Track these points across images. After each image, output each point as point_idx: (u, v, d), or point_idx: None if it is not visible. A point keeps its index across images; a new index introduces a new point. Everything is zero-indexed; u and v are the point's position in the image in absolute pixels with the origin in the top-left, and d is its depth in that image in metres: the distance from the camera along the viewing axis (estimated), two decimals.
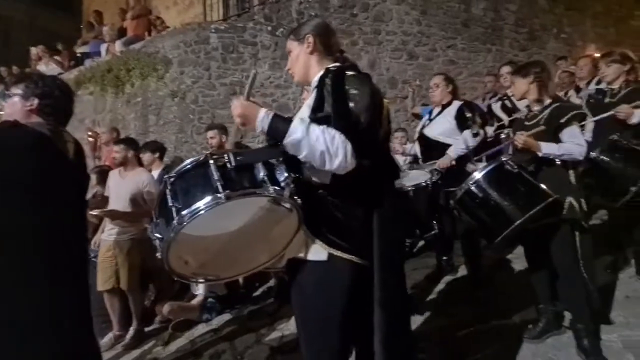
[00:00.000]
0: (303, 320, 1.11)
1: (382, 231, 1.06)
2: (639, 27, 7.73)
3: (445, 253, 3.06)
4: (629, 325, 1.87)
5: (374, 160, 1.06)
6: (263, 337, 2.51)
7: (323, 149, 0.96)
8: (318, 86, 1.09)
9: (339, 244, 1.04)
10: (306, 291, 1.08)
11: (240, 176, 0.96)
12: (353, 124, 1.00)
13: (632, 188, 2.03)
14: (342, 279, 1.05)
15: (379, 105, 1.11)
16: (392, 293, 1.08)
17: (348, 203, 1.06)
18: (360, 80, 1.07)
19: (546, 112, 1.82)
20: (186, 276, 1.11)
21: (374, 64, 5.75)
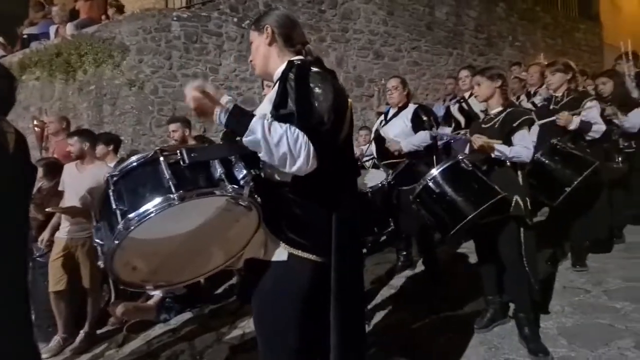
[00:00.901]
0: (261, 321, 1.08)
1: (341, 229, 1.04)
2: (582, 39, 8.43)
3: (404, 249, 3.20)
4: (564, 313, 2.06)
5: (336, 159, 1.04)
6: (224, 335, 2.47)
7: (285, 151, 0.91)
8: (281, 80, 1.03)
9: (299, 242, 1.02)
10: (265, 291, 1.05)
11: (194, 174, 0.89)
12: (316, 124, 0.96)
13: (567, 188, 2.24)
14: (302, 279, 1.04)
15: (343, 105, 1.07)
16: (348, 291, 1.06)
17: (309, 201, 1.04)
18: (324, 78, 1.02)
19: (501, 117, 1.95)
20: (135, 284, 1.03)
21: (342, 61, 5.80)
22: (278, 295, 1.04)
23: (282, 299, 1.04)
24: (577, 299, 2.19)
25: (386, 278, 3.04)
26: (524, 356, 1.73)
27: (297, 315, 1.04)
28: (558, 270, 2.59)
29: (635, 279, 2.34)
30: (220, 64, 5.11)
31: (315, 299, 1.09)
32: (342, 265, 1.04)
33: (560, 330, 1.90)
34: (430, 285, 2.72)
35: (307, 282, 1.04)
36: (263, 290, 1.06)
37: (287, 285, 1.03)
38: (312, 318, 1.10)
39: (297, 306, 1.04)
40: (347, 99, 1.12)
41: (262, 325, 1.08)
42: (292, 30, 1.15)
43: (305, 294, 1.05)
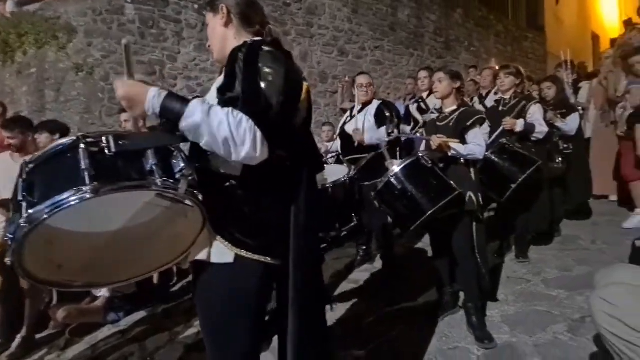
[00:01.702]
0: (208, 327, 1.00)
1: (298, 227, 0.96)
2: (529, 47, 9.08)
3: (364, 243, 3.26)
4: (507, 301, 2.21)
5: (291, 149, 0.96)
6: (178, 335, 2.37)
7: (227, 136, 0.81)
8: (229, 61, 0.94)
9: (247, 243, 0.93)
10: (211, 296, 0.97)
11: (120, 165, 0.79)
12: (263, 108, 0.86)
13: (512, 185, 2.40)
14: (251, 282, 0.95)
15: (296, 87, 0.96)
16: (307, 292, 0.99)
17: (261, 197, 0.95)
18: (275, 58, 0.91)
19: (455, 116, 2.04)
20: (60, 283, 0.92)
21: (306, 56, 5.78)
22: (227, 301, 0.95)
23: (232, 304, 0.95)
24: (519, 288, 2.36)
25: (345, 272, 3.08)
26: (472, 343, 1.82)
27: (247, 320, 0.97)
28: (504, 262, 2.77)
29: (569, 268, 2.56)
30: (179, 52, 4.88)
31: (265, 303, 1.03)
32: (301, 267, 0.97)
33: (504, 318, 2.03)
34: (388, 279, 2.80)
35: (258, 285, 0.96)
36: (210, 295, 0.98)
37: (235, 289, 0.95)
38: (262, 322, 1.04)
39: (248, 311, 0.97)
40: (302, 82, 1.01)
41: (210, 331, 1.00)
42: (249, 9, 1.06)
43: (256, 297, 0.98)
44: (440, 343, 1.88)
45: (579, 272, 2.48)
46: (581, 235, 3.19)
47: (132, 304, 2.77)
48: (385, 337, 1.99)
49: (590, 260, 2.64)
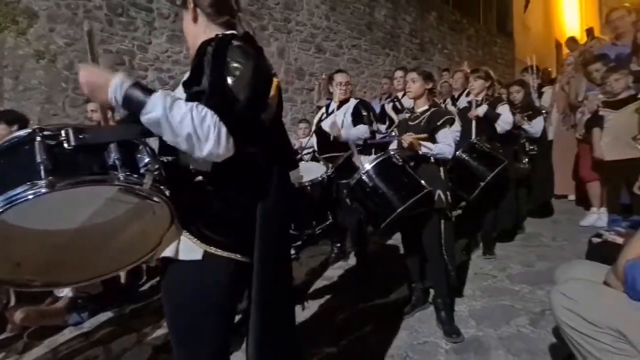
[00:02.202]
0: (176, 327, 0.97)
1: (266, 225, 0.94)
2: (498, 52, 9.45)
3: (339, 241, 3.29)
4: (474, 296, 2.29)
5: (261, 146, 0.94)
6: (146, 336, 2.29)
7: (190, 131, 0.78)
8: (197, 55, 0.91)
9: (216, 240, 0.91)
10: (179, 294, 0.94)
11: (80, 159, 0.75)
12: (229, 103, 0.83)
13: (481, 183, 2.50)
14: (220, 279, 0.93)
15: (265, 83, 0.93)
16: (272, 292, 0.97)
17: (231, 193, 0.93)
18: (244, 53, 0.89)
19: (426, 115, 2.08)
20: (18, 282, 0.88)
21: (283, 52, 5.72)
22: (195, 299, 0.93)
23: (200, 302, 0.93)
24: (485, 283, 2.45)
25: (320, 270, 3.09)
26: (440, 338, 1.87)
27: (216, 319, 0.95)
28: (471, 259, 2.88)
29: (531, 264, 2.69)
30: (150, 43, 4.68)
31: (236, 301, 1.01)
32: (267, 265, 0.95)
33: (471, 313, 2.10)
34: (361, 276, 2.83)
35: (227, 283, 0.94)
36: (177, 293, 0.94)
37: (204, 287, 0.92)
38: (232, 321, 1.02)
39: (217, 309, 0.94)
40: (272, 78, 0.97)
41: (175, 330, 0.97)
42: (216, 2, 1.02)
43: (225, 296, 0.95)
44: (410, 338, 1.92)
45: (540, 267, 2.61)
46: (543, 232, 3.37)
47: (97, 304, 2.64)
48: (357, 334, 2.01)
49: (551, 256, 2.79)
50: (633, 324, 0.94)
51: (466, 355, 1.71)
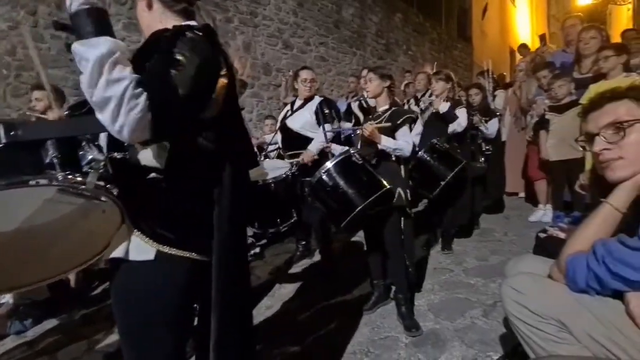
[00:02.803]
0: (128, 331, 0.91)
1: (223, 223, 0.92)
2: (458, 56, 9.89)
3: (304, 239, 3.28)
4: (433, 290, 2.38)
5: (213, 142, 0.90)
6: (98, 343, 2.15)
7: (118, 95, 0.70)
8: (146, 43, 0.87)
9: (170, 238, 0.88)
10: (131, 296, 0.89)
11: (11, 158, 0.69)
12: (166, 95, 0.78)
13: (442, 182, 2.60)
14: (175, 280, 0.90)
15: (208, 81, 0.88)
16: (231, 292, 0.94)
17: (185, 190, 0.89)
18: (194, 46, 0.84)
19: (387, 114, 2.12)
20: None
21: (249, 46, 5.58)
22: (144, 301, 0.88)
23: (150, 304, 0.88)
24: (444, 277, 2.56)
25: (284, 268, 3.07)
26: (401, 332, 1.92)
27: (167, 321, 0.90)
28: (430, 254, 2.99)
29: (485, 258, 2.85)
30: None
31: (192, 302, 0.97)
32: (224, 265, 0.92)
33: (429, 306, 2.18)
34: (326, 273, 2.84)
35: (183, 283, 0.91)
36: (126, 295, 0.89)
37: (158, 288, 0.88)
38: (188, 323, 0.98)
39: (168, 312, 0.89)
40: (219, 77, 0.91)
41: (126, 335, 0.92)
42: None
43: (181, 296, 0.91)
44: (372, 333, 1.95)
45: (493, 261, 2.77)
46: (496, 228, 3.58)
47: (43, 311, 2.44)
48: (320, 331, 2.01)
49: (503, 250, 2.97)
50: (573, 314, 1.01)
51: (424, 348, 1.77)
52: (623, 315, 0.96)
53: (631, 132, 1.01)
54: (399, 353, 1.76)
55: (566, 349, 1.02)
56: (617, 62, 2.81)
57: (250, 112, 5.56)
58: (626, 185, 1.03)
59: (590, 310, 1.00)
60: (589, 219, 1.09)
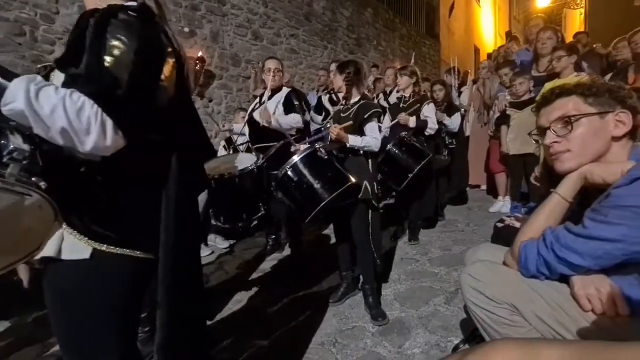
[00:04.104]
0: (66, 337, 0.84)
1: (170, 218, 0.85)
2: (427, 52, 10.13)
3: (274, 232, 3.26)
4: (399, 280, 2.45)
5: (159, 132, 0.83)
6: (51, 347, 2.02)
7: (64, 125, 0.67)
8: (75, 28, 0.78)
9: (109, 236, 0.81)
10: (65, 300, 0.82)
11: None
12: (107, 87, 0.72)
13: (409, 175, 2.66)
14: (117, 280, 0.83)
15: (153, 63, 0.81)
16: (180, 292, 0.89)
17: (126, 184, 0.83)
18: (129, 28, 0.76)
19: (355, 108, 2.13)
20: None
21: (217, 36, 5.40)
22: (81, 305, 0.81)
23: (88, 307, 0.81)
24: (409, 267, 2.64)
25: (254, 262, 3.04)
26: (368, 322, 1.96)
27: (108, 324, 0.84)
28: (397, 245, 3.07)
29: (448, 248, 2.96)
30: (57, 12, 4.05)
31: (138, 303, 0.90)
32: (173, 261, 0.86)
33: (396, 295, 2.24)
34: (296, 266, 2.84)
35: (124, 285, 0.84)
36: (60, 299, 0.82)
37: (93, 291, 0.81)
38: (134, 325, 0.92)
39: (109, 314, 0.83)
40: (166, 58, 0.85)
41: (64, 344, 0.84)
42: None
43: (122, 298, 0.85)
44: (340, 324, 1.98)
45: (456, 250, 2.88)
46: (459, 218, 3.73)
47: None
48: (289, 324, 2.01)
49: (465, 240, 3.10)
50: (524, 298, 1.07)
51: (390, 336, 1.82)
52: (568, 298, 1.03)
53: (578, 126, 1.08)
54: (366, 342, 1.79)
55: (518, 331, 1.08)
56: (569, 62, 3.00)
57: (219, 104, 5.41)
58: (573, 176, 1.10)
59: (540, 294, 1.06)
60: (539, 208, 1.15)
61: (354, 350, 1.74)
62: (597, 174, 1.03)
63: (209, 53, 5.16)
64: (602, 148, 1.06)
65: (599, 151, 1.06)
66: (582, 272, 1.01)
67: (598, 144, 1.06)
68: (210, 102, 5.29)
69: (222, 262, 3.10)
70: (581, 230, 0.98)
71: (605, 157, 1.06)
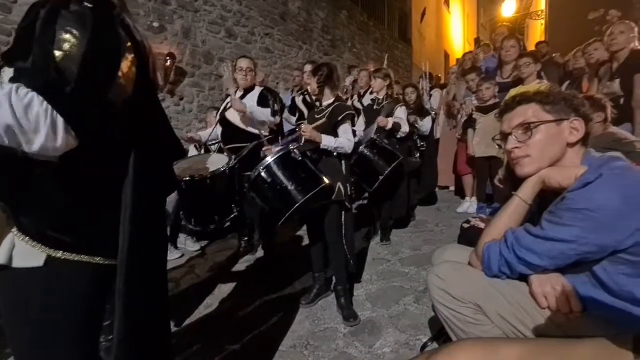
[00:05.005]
0: (21, 350, 0.79)
1: (131, 221, 0.81)
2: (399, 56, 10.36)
3: (246, 234, 3.21)
4: (371, 280, 2.48)
5: (120, 133, 0.79)
6: (8, 357, 1.88)
7: (9, 123, 0.63)
8: (24, 19, 0.73)
9: (65, 241, 0.76)
10: (19, 309, 0.77)
11: None
12: (55, 83, 0.68)
13: (380, 176, 2.71)
14: (74, 288, 0.79)
15: (109, 58, 0.76)
16: (142, 299, 0.85)
17: (83, 186, 0.78)
18: (81, 20, 0.71)
19: (329, 110, 2.14)
20: None
21: (189, 32, 5.24)
22: (36, 315, 0.76)
23: (43, 318, 0.76)
24: (381, 267, 2.68)
25: (226, 264, 2.98)
26: (340, 323, 1.97)
27: (67, 339, 0.79)
28: (370, 246, 3.11)
29: (418, 248, 3.04)
30: (16, 1, 3.78)
31: (100, 311, 0.86)
32: (133, 267, 0.82)
33: (367, 296, 2.27)
34: (269, 268, 2.82)
35: (82, 294, 0.80)
36: (13, 309, 0.77)
37: (48, 300, 0.76)
38: (96, 335, 0.87)
39: (67, 326, 0.78)
40: (123, 53, 0.79)
41: (19, 356, 0.79)
42: None
43: (80, 308, 0.80)
44: (312, 326, 1.98)
45: (425, 250, 2.96)
46: (428, 219, 3.84)
47: None
48: (261, 327, 1.99)
49: (434, 240, 3.19)
50: (487, 297, 1.12)
51: (361, 337, 1.84)
52: (527, 296, 1.08)
53: (537, 132, 1.14)
54: (337, 343, 1.80)
55: (481, 329, 1.12)
56: (535, 69, 3.17)
57: (190, 102, 5.25)
58: (532, 180, 1.15)
59: (502, 292, 1.11)
60: (501, 210, 1.20)
61: (325, 351, 1.74)
62: (553, 178, 1.09)
63: (179, 50, 5.00)
64: (558, 153, 1.12)
65: (556, 156, 1.13)
66: (540, 271, 1.07)
67: (555, 150, 1.12)
68: (181, 100, 5.14)
69: (192, 265, 3.01)
70: (539, 231, 1.03)
71: (561, 162, 1.13)
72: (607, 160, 1.03)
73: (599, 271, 0.98)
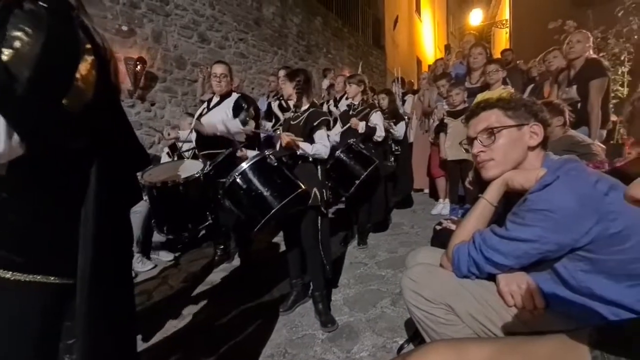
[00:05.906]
0: None
1: (90, 237, 0.76)
2: (374, 62, 10.56)
3: (222, 242, 3.15)
4: (348, 285, 2.50)
5: (76, 141, 0.75)
6: None
7: None
8: None
9: (16, 261, 0.71)
10: None
11: None
12: (8, 87, 0.63)
13: (356, 181, 2.74)
14: (26, 310, 0.74)
15: (64, 59, 0.72)
16: (103, 320, 0.81)
17: (36, 200, 0.73)
18: (36, 20, 0.67)
19: (304, 116, 2.14)
20: None
21: (160, 36, 5.12)
22: None
23: None
24: (358, 271, 2.70)
25: (201, 274, 2.90)
26: (318, 329, 1.96)
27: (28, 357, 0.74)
28: (347, 250, 3.13)
29: (394, 250, 3.08)
30: None
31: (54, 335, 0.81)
32: (90, 288, 0.77)
33: (345, 300, 2.27)
34: (246, 276, 2.77)
35: (36, 316, 0.75)
36: None
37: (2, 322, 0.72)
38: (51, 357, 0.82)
39: (20, 350, 0.73)
40: (81, 55, 0.75)
41: None
42: None
43: (36, 331, 0.75)
44: (290, 333, 1.96)
45: (401, 252, 3.01)
46: (404, 222, 3.91)
47: None
48: (238, 337, 1.94)
49: (410, 242, 3.25)
50: (458, 297, 1.15)
51: (339, 342, 1.84)
52: (495, 295, 1.12)
53: (500, 136, 1.19)
54: (315, 350, 1.79)
55: (453, 329, 1.15)
56: (501, 76, 3.32)
57: (162, 108, 5.12)
58: (497, 183, 1.20)
59: (471, 292, 1.15)
60: (469, 213, 1.24)
61: (303, 359, 1.73)
62: (516, 180, 1.15)
63: (150, 54, 4.88)
64: (520, 157, 1.18)
65: (518, 160, 1.18)
66: (507, 271, 1.11)
67: (517, 153, 1.18)
68: (152, 105, 4.99)
69: (166, 276, 2.91)
70: (503, 232, 1.08)
71: (523, 165, 1.18)
72: (563, 162, 1.08)
73: (560, 268, 1.03)
